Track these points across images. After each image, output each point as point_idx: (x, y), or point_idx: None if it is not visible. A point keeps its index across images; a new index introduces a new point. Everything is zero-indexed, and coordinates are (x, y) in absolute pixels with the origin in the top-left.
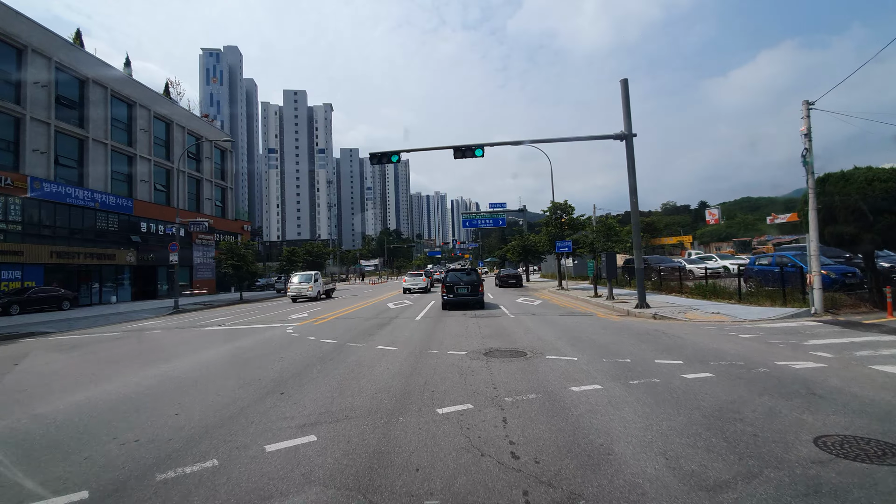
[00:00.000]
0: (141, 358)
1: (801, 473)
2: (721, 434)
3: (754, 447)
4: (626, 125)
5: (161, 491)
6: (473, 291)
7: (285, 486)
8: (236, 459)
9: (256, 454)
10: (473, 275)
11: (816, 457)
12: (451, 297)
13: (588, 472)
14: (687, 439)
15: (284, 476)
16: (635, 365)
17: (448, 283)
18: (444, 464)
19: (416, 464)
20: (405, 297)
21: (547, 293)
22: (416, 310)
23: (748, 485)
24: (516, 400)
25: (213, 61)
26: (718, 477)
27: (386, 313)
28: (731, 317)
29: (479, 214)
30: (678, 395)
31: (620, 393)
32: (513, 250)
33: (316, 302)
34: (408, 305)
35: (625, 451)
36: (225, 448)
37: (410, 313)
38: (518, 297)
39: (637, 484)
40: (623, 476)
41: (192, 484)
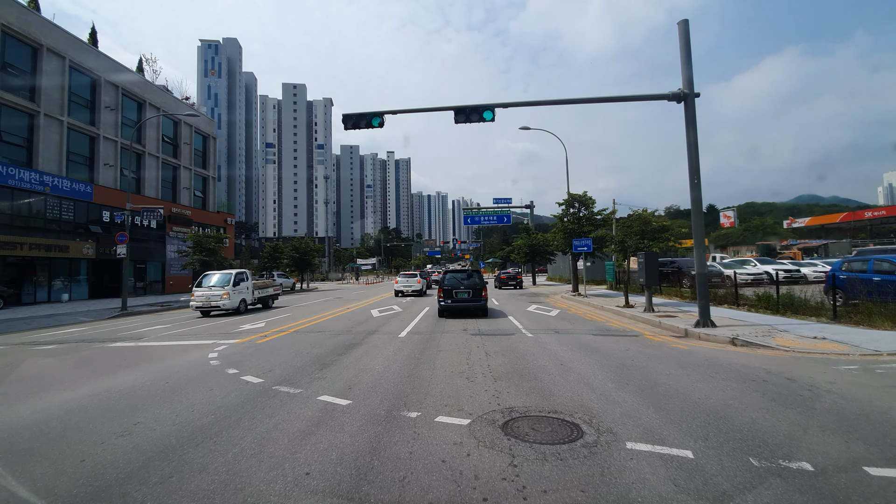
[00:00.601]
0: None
1: None
2: None
3: None
4: (686, 80)
5: None
6: (475, 297)
7: None
8: None
9: None
10: (475, 277)
11: None
12: (450, 302)
13: None
14: None
15: None
16: (833, 486)
17: (446, 287)
18: None
19: None
20: (396, 302)
21: (562, 300)
22: (405, 320)
23: None
24: None
25: (212, 53)
26: None
27: (365, 325)
28: (851, 345)
29: (482, 211)
30: None
31: None
32: (518, 250)
33: (278, 310)
34: (395, 313)
35: None
36: None
37: (395, 325)
38: (528, 303)
39: None
40: None
41: None
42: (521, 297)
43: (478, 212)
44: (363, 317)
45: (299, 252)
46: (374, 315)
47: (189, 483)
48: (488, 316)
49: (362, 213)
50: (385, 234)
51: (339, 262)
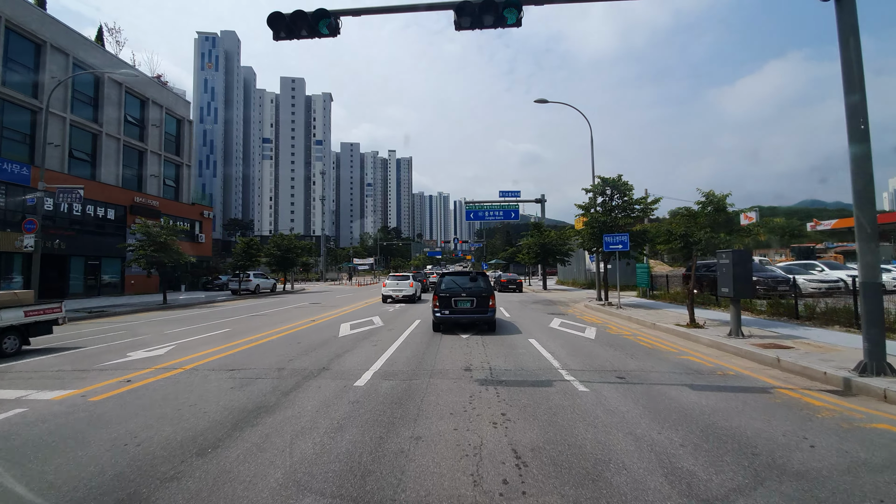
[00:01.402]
0: None
1: None
2: None
3: None
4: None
5: None
6: (480, 307)
7: None
8: None
9: None
10: (480, 281)
11: None
12: (447, 313)
13: None
14: None
15: None
16: None
17: (443, 293)
18: None
19: None
20: (380, 311)
21: (589, 311)
22: (381, 343)
23: None
24: None
25: (209, 46)
26: None
27: (315, 354)
28: None
29: (487, 205)
30: None
31: None
32: (528, 249)
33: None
34: (372, 329)
35: None
36: None
37: (362, 356)
38: (547, 315)
39: None
40: None
41: None
42: (534, 306)
43: (482, 206)
44: (323, 336)
45: (281, 249)
46: (340, 333)
47: None
48: (498, 331)
49: (362, 212)
50: (384, 233)
51: (335, 261)
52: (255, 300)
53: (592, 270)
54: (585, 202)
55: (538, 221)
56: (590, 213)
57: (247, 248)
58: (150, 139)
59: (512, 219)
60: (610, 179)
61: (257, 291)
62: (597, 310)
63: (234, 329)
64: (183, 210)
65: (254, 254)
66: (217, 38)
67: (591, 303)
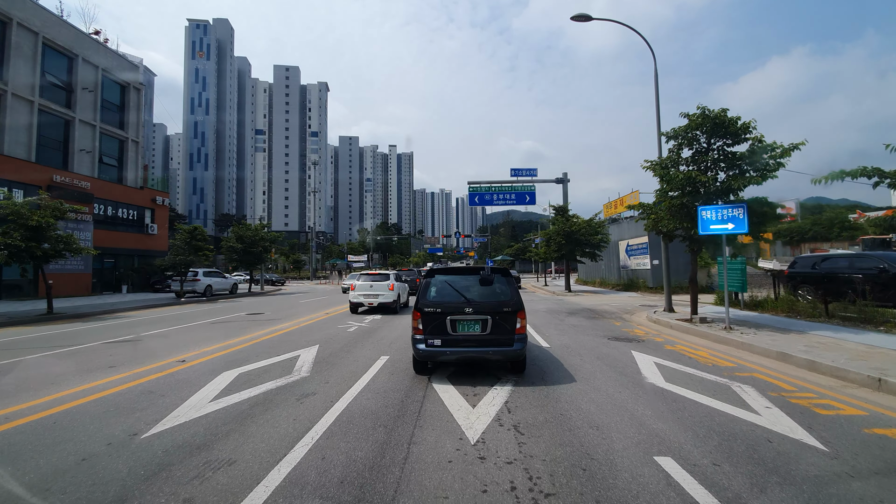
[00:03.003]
0: None
1: None
2: None
3: None
4: None
5: None
6: (499, 331)
7: None
8: None
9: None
10: (498, 283)
11: None
12: (438, 345)
13: None
14: None
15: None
16: None
17: (430, 308)
18: None
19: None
20: (334, 330)
21: (682, 336)
22: (276, 438)
23: None
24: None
25: (200, 34)
26: None
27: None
28: None
29: (496, 186)
30: None
31: None
32: (550, 240)
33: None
34: (284, 388)
35: None
36: None
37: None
38: (615, 344)
39: None
40: None
41: None
42: (573, 320)
43: (489, 188)
44: (123, 428)
45: (244, 243)
46: (180, 414)
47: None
48: (533, 378)
49: (361, 209)
50: (384, 229)
51: (331, 258)
52: (189, 308)
53: (630, 267)
54: (663, 157)
55: (561, 206)
56: (670, 174)
57: (190, 240)
58: (81, 106)
59: (527, 203)
60: (712, 114)
61: (208, 294)
62: (686, 330)
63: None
64: (128, 195)
65: (200, 246)
66: (209, 26)
67: (659, 315)
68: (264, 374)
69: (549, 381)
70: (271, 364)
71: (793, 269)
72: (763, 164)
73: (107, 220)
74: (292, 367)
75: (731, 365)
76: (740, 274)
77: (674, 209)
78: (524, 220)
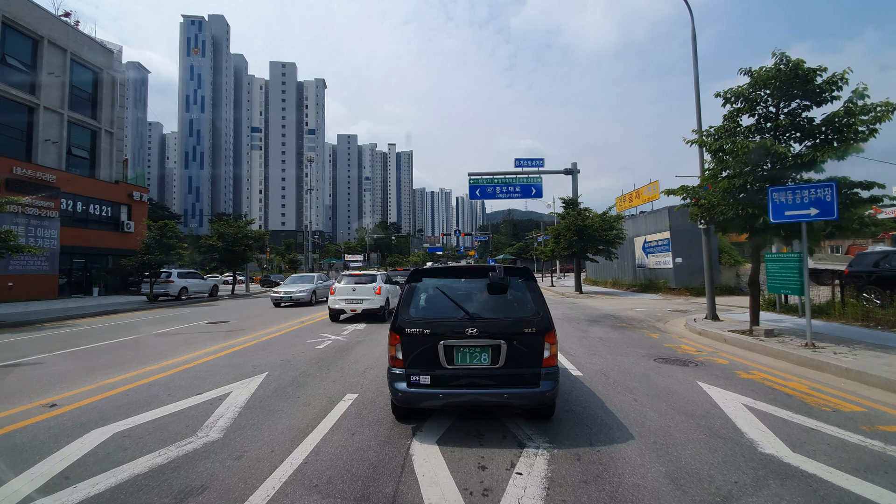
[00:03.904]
0: None
1: None
2: None
3: None
4: None
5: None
6: (515, 363)
7: None
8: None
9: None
10: (519, 291)
11: None
12: (426, 384)
13: None
14: None
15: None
16: None
17: (415, 326)
18: None
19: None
20: (302, 347)
21: (748, 355)
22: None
23: None
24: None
25: (195, 30)
26: None
27: None
28: None
29: (499, 178)
30: None
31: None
32: (562, 236)
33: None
34: (174, 463)
35: None
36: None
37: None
38: (668, 370)
39: None
40: None
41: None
42: (599, 331)
43: (492, 180)
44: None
45: (225, 241)
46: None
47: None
48: (569, 438)
49: (360, 208)
50: (383, 228)
51: (324, 255)
52: (152, 314)
53: (648, 266)
54: (705, 130)
55: (572, 199)
56: (734, 145)
57: (160, 237)
58: (46, 93)
59: (533, 196)
60: (789, 64)
61: (183, 297)
62: (751, 347)
63: None
64: (101, 189)
65: (173, 245)
66: (204, 23)
67: (702, 324)
68: (153, 433)
69: (600, 440)
70: (177, 412)
71: (853, 269)
72: (853, 130)
73: (76, 216)
74: (206, 417)
75: (858, 409)
76: (797, 273)
77: (734, 191)
78: (525, 219)
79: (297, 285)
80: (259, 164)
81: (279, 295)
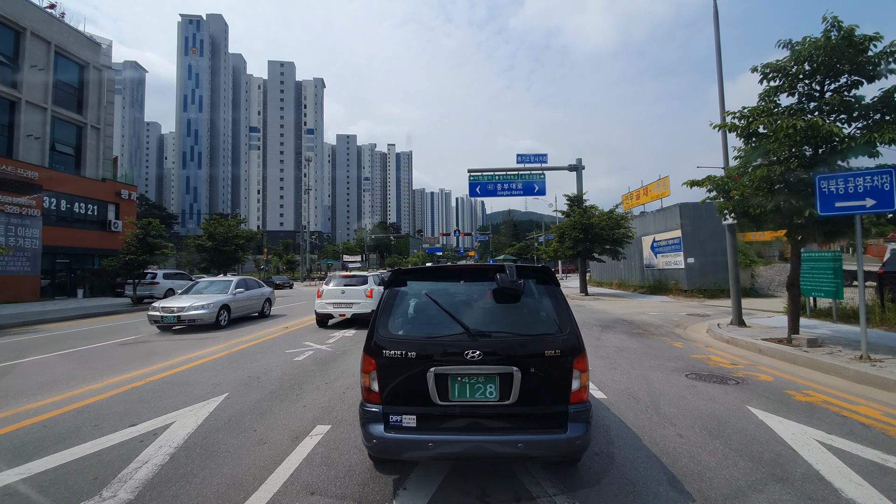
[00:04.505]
0: None
1: None
2: None
3: None
4: None
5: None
6: (536, 401)
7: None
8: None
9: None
10: (537, 298)
11: None
12: (414, 429)
13: None
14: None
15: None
16: None
17: (398, 348)
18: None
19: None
20: (285, 356)
21: (820, 378)
22: None
23: None
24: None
25: (193, 29)
26: None
27: None
28: None
29: (500, 175)
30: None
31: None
32: (566, 235)
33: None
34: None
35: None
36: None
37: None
38: (711, 390)
39: None
40: None
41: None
42: (616, 338)
43: (492, 177)
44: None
45: (215, 240)
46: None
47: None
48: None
49: (359, 208)
50: (382, 228)
51: (323, 256)
52: (128, 318)
53: (657, 266)
54: (738, 111)
55: (577, 196)
56: (769, 126)
57: (144, 236)
58: (28, 86)
59: (535, 193)
60: (841, 31)
61: None
62: (794, 360)
63: None
64: (87, 187)
65: (157, 244)
66: (202, 22)
67: (728, 330)
68: (45, 490)
69: None
70: (92, 455)
71: (889, 269)
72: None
73: (60, 215)
74: (126, 463)
75: None
76: (832, 274)
77: (772, 181)
78: (525, 220)
79: (196, 298)
80: (257, 165)
81: (158, 314)
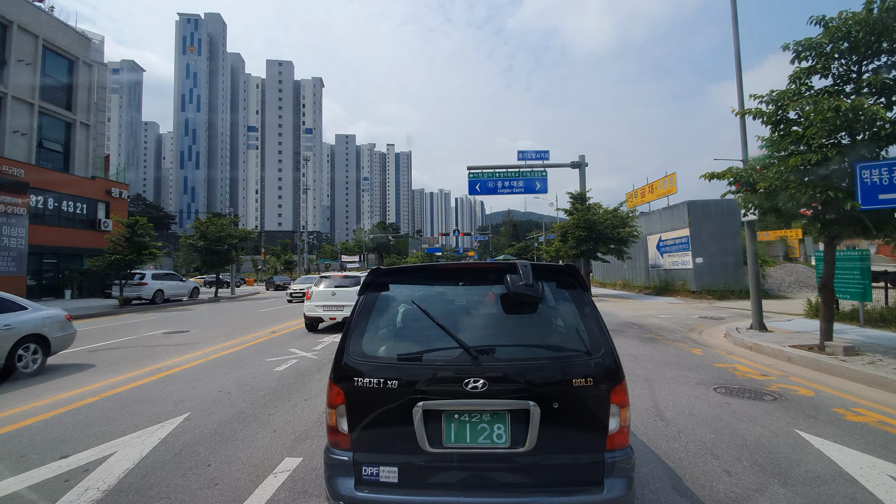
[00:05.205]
0: None
1: None
2: None
3: None
4: None
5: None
6: (559, 448)
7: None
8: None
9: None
10: (558, 307)
11: None
12: (395, 487)
13: None
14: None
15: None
16: None
17: (376, 375)
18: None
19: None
20: (266, 365)
21: (866, 392)
22: None
23: None
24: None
25: (191, 28)
26: None
27: None
28: None
29: (500, 172)
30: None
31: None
32: (569, 234)
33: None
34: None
35: None
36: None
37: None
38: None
39: None
40: None
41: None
42: (624, 342)
43: (492, 174)
44: None
45: (207, 240)
46: None
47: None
48: None
49: (358, 209)
50: (381, 228)
51: (320, 257)
52: (114, 320)
53: (663, 266)
54: (764, 95)
55: (580, 194)
56: (806, 107)
57: (130, 235)
58: (15, 81)
59: (537, 191)
60: (890, 2)
61: (158, 300)
62: (831, 371)
63: None
64: (76, 185)
65: (145, 243)
66: (200, 21)
67: (749, 336)
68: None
69: None
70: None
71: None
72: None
73: (48, 213)
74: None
75: None
76: (860, 275)
77: (806, 171)
78: (525, 220)
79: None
80: (256, 165)
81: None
